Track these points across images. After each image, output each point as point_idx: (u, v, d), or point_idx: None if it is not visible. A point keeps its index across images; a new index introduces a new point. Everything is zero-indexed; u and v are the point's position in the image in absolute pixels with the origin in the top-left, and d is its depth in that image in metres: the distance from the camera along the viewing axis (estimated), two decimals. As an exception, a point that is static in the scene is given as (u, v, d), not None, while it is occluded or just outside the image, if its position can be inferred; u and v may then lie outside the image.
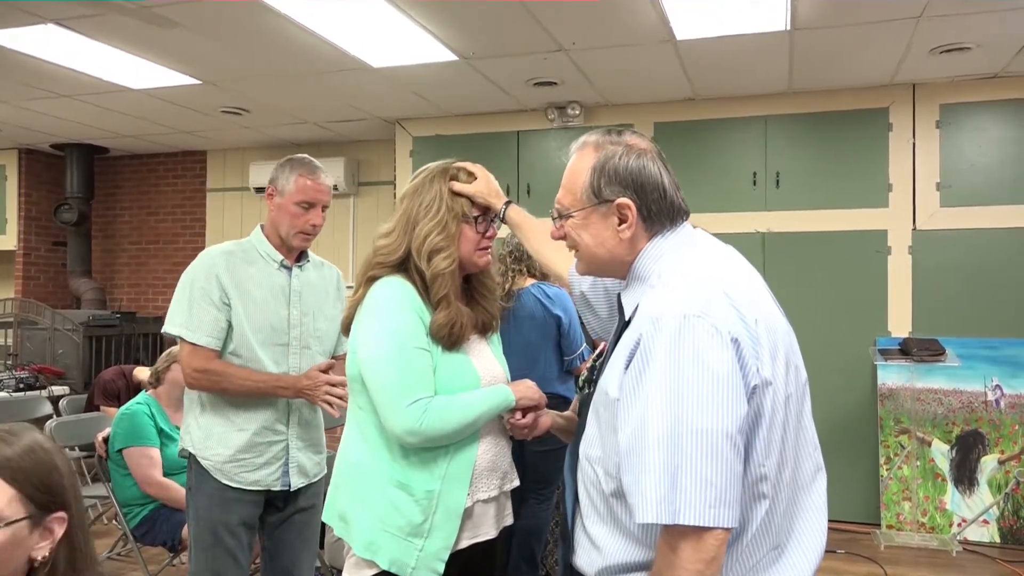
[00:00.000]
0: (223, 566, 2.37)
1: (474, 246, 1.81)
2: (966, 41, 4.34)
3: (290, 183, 2.43)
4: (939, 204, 5.06)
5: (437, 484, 1.71)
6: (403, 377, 1.69)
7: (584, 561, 1.42)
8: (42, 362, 6.33)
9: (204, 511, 2.39)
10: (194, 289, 2.37)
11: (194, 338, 2.35)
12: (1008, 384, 4.85)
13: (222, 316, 2.36)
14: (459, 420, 1.69)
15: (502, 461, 1.84)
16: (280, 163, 2.49)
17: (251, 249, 2.48)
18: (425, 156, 6.02)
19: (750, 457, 1.26)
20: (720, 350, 1.22)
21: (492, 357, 1.89)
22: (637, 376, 1.27)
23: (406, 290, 1.75)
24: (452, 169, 1.84)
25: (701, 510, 1.18)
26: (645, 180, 1.39)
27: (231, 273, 2.39)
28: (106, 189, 7.57)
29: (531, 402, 1.81)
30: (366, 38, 4.33)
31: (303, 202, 2.43)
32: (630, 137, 1.43)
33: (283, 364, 2.44)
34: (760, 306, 1.32)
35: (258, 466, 2.41)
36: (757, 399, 1.25)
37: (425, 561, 1.69)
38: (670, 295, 1.30)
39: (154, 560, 3.86)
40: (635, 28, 4.15)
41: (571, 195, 1.44)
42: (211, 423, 2.41)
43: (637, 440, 1.24)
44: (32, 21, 4.04)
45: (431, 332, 1.73)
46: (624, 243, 1.41)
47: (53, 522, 1.13)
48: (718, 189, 5.38)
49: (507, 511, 1.90)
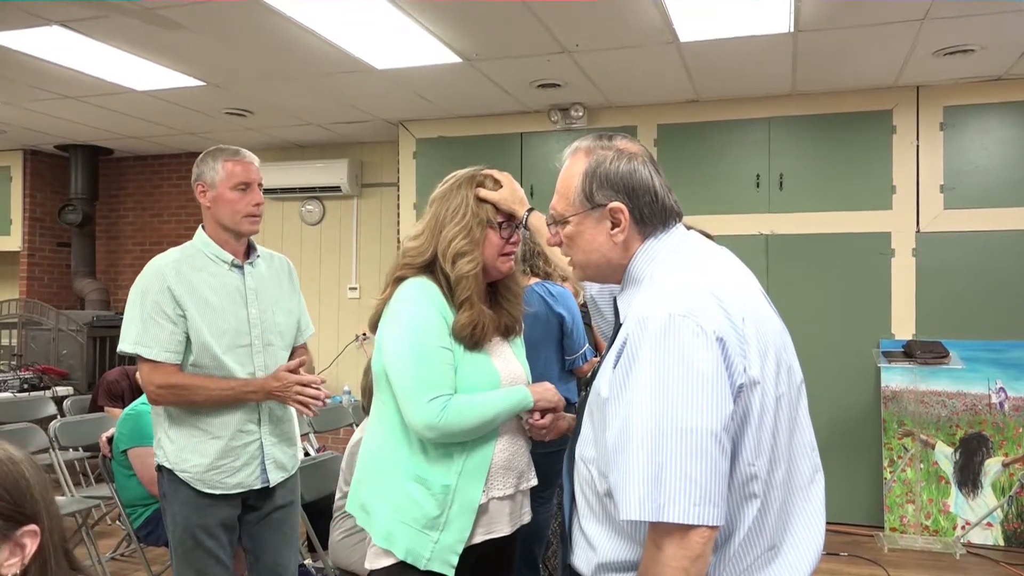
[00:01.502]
0: (206, 566, 2.35)
1: (497, 251, 1.87)
2: (970, 43, 4.33)
3: (218, 172, 2.40)
4: (943, 206, 5.05)
5: (454, 479, 1.77)
6: (425, 374, 1.75)
7: (580, 560, 1.44)
8: (46, 363, 6.35)
9: (181, 517, 2.36)
10: (145, 304, 2.32)
11: (152, 354, 2.30)
12: (1012, 387, 4.84)
13: (178, 329, 2.31)
14: (477, 418, 1.76)
15: (519, 460, 1.89)
16: (199, 160, 2.45)
17: (198, 254, 2.43)
18: (428, 158, 6.04)
19: (739, 456, 1.27)
20: (705, 349, 1.23)
21: (513, 359, 1.95)
22: (624, 375, 1.29)
23: (431, 291, 1.81)
24: (479, 176, 1.90)
25: (685, 507, 1.19)
26: (636, 184, 1.41)
27: (182, 282, 2.34)
28: (110, 190, 7.59)
29: (549, 404, 1.88)
30: (370, 40, 4.33)
31: (238, 184, 2.40)
32: (620, 141, 1.45)
33: (248, 365, 2.40)
34: (749, 306, 1.33)
35: (236, 469, 2.38)
36: (744, 398, 1.26)
37: (440, 553, 1.75)
38: (657, 295, 1.32)
39: (158, 560, 3.86)
40: (639, 30, 4.15)
41: (564, 200, 1.46)
42: (183, 435, 2.37)
43: (623, 438, 1.26)
44: (37, 23, 4.06)
45: (454, 332, 1.80)
46: (618, 247, 1.43)
47: (24, 536, 1.06)
48: (721, 191, 5.38)
49: (524, 509, 1.95)
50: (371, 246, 6.82)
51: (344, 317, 6.75)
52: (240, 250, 2.48)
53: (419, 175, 6.10)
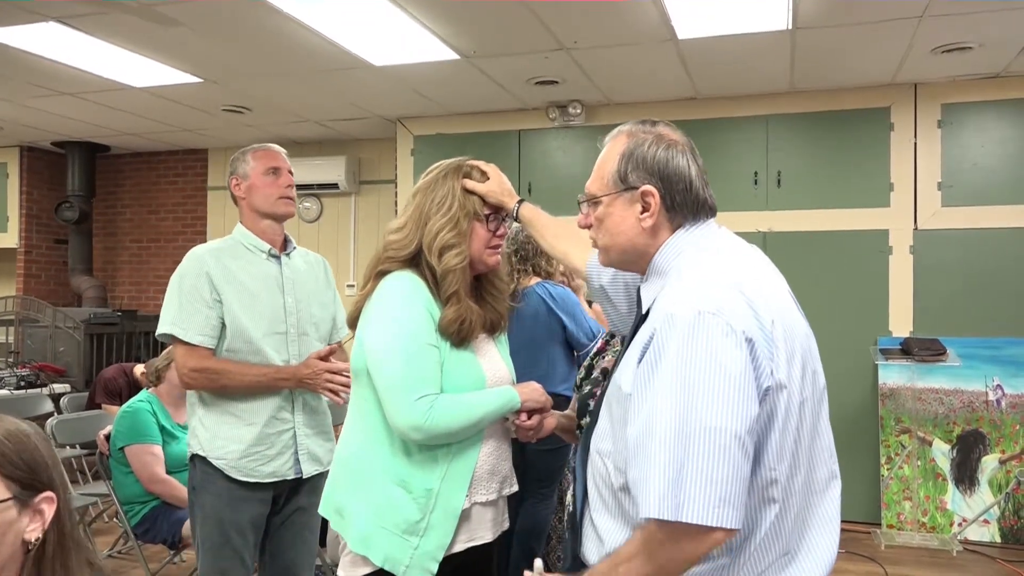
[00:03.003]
0: (231, 566, 2.35)
1: (484, 244, 1.81)
2: (968, 40, 4.33)
3: (249, 163, 2.49)
4: (940, 204, 5.06)
5: (437, 483, 1.70)
6: (411, 372, 1.68)
7: (590, 551, 1.43)
8: (43, 360, 6.33)
9: (212, 510, 2.36)
10: (183, 288, 2.36)
11: (187, 337, 2.33)
12: (1009, 384, 4.85)
13: (213, 314, 2.35)
14: (464, 419, 1.69)
15: (503, 465, 1.83)
16: (231, 160, 2.56)
17: (237, 245, 2.47)
18: (426, 155, 6.04)
19: (761, 460, 1.25)
20: (733, 348, 1.21)
21: (499, 357, 1.89)
22: (649, 371, 1.26)
23: (417, 285, 1.75)
24: (465, 167, 1.85)
25: (705, 508, 1.17)
26: (672, 170, 1.40)
27: (221, 268, 2.38)
28: (107, 187, 7.57)
29: (536, 404, 1.82)
30: (367, 36, 4.33)
31: (268, 169, 2.48)
32: (663, 128, 1.44)
33: (283, 352, 2.43)
34: (778, 308, 1.31)
35: (271, 457, 2.39)
36: (770, 401, 1.24)
37: (419, 560, 1.68)
38: (686, 291, 1.29)
39: (155, 558, 3.86)
40: (637, 27, 4.15)
41: (599, 181, 1.45)
42: (217, 422, 2.38)
43: (645, 435, 1.24)
44: (34, 19, 4.05)
45: (440, 328, 1.73)
46: (645, 232, 1.40)
47: (42, 503, 1.12)
48: (719, 188, 5.27)
49: (504, 516, 1.89)
50: (369, 243, 6.81)
51: (342, 314, 6.74)
52: (278, 241, 2.52)
53: (417, 172, 6.09)
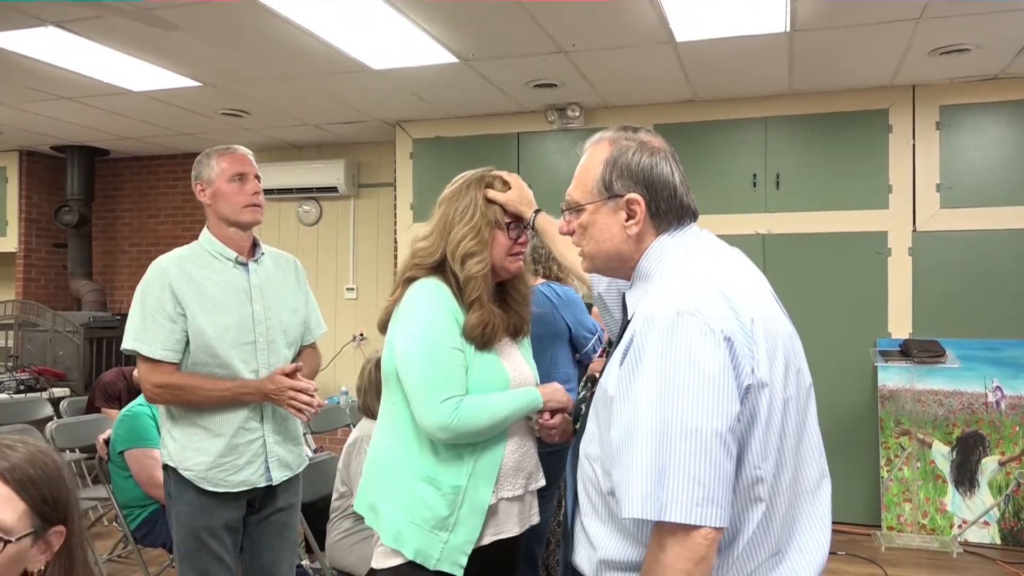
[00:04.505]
0: (210, 567, 2.35)
1: (506, 251, 1.89)
2: (966, 42, 4.34)
3: (214, 168, 2.44)
4: (939, 205, 5.06)
5: (464, 480, 1.78)
6: (437, 375, 1.76)
7: (582, 558, 1.43)
8: (43, 364, 6.33)
9: (186, 517, 2.36)
10: (146, 302, 2.34)
11: (150, 352, 2.31)
12: (1008, 385, 4.85)
13: (177, 328, 2.32)
14: (489, 419, 1.77)
15: (528, 461, 1.91)
16: (195, 162, 2.49)
17: (202, 252, 2.44)
18: (425, 158, 6.04)
19: (745, 459, 1.25)
20: (712, 348, 1.21)
21: (522, 360, 1.96)
22: (630, 373, 1.27)
23: (442, 291, 1.83)
24: (488, 177, 1.93)
25: (688, 507, 1.18)
26: (656, 178, 1.40)
27: (185, 279, 2.35)
28: (106, 191, 7.58)
29: (558, 404, 1.89)
30: (366, 40, 4.33)
31: (234, 176, 2.43)
32: (645, 135, 1.44)
33: (252, 363, 2.40)
34: (759, 307, 1.31)
35: (240, 467, 2.38)
36: (752, 400, 1.24)
37: (449, 554, 1.77)
38: (667, 293, 1.30)
39: (154, 562, 3.86)
40: (635, 30, 4.15)
41: (582, 188, 1.45)
42: (186, 433, 2.37)
43: (627, 436, 1.24)
44: (32, 23, 4.05)
45: (464, 332, 1.81)
46: (630, 239, 1.41)
47: (52, 536, 1.13)
48: (718, 191, 5.38)
49: (533, 510, 1.97)
50: (368, 247, 6.81)
51: (341, 318, 6.74)
52: (245, 247, 2.48)
53: (416, 175, 6.10)
